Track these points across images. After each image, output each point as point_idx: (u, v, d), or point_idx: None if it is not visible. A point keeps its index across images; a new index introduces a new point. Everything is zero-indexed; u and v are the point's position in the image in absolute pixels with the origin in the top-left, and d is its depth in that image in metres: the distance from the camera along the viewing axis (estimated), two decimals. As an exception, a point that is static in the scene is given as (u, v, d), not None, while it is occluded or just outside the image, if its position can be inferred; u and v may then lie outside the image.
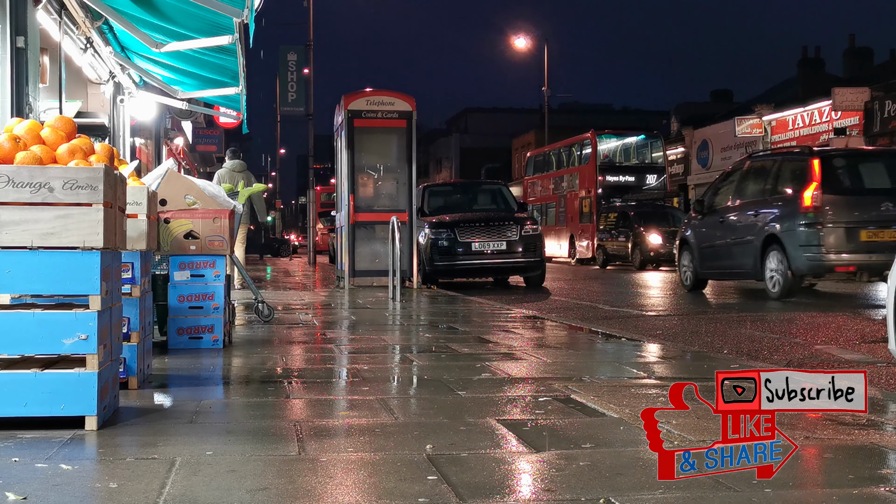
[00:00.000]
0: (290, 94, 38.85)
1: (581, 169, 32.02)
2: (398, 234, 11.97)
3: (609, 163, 31.44)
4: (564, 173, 33.98)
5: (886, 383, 5.07)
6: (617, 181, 30.49)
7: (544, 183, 36.31)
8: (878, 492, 2.64)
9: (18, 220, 3.41)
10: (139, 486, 2.68)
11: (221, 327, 6.10)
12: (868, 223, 10.80)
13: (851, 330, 7.95)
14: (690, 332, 7.86)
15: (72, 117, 6.89)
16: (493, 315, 9.05)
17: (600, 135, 31.59)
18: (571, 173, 33.06)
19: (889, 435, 3.43)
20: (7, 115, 6.84)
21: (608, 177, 30.52)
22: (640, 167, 31.49)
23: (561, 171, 34.66)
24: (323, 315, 9.36)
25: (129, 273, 4.47)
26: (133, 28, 8.66)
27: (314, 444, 3.25)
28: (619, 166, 31.69)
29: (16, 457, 3.00)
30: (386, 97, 14.83)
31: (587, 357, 5.84)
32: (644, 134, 32.76)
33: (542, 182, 36.78)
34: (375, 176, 14.97)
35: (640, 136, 32.32)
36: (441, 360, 5.63)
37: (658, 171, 31.03)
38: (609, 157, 31.71)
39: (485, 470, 2.88)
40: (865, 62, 38.14)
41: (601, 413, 3.81)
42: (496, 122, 72.78)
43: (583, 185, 31.34)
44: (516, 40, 42.81)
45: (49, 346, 3.44)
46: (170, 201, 6.12)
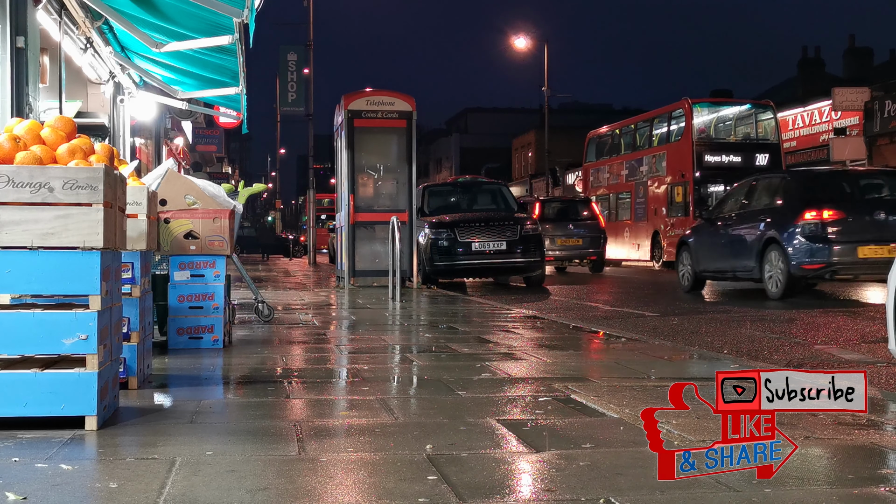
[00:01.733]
0: (290, 94, 38.85)
1: (670, 148, 25.82)
2: (398, 234, 11.98)
3: (708, 138, 25.21)
4: (644, 154, 27.72)
5: (886, 383, 5.07)
6: (719, 161, 24.26)
7: (614, 168, 30.22)
8: (878, 492, 2.64)
9: (18, 220, 3.41)
10: (139, 486, 2.68)
11: (221, 327, 6.10)
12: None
13: (851, 330, 7.95)
14: (690, 332, 7.86)
15: (72, 117, 6.89)
16: (493, 315, 9.05)
17: (697, 104, 25.26)
18: (655, 154, 26.88)
19: (889, 435, 3.43)
20: (7, 115, 6.84)
21: (708, 156, 24.28)
22: (748, 144, 25.13)
23: (638, 152, 28.33)
24: (323, 315, 9.36)
25: (129, 273, 4.48)
26: (133, 28, 8.66)
27: (314, 444, 3.25)
28: (721, 143, 25.31)
29: (16, 457, 3.00)
30: (386, 97, 14.83)
31: (587, 357, 5.84)
32: (750, 102, 26.64)
33: (610, 167, 30.57)
34: (375, 176, 14.98)
35: (746, 105, 26.30)
36: (441, 360, 5.63)
37: (770, 148, 24.61)
38: (707, 132, 25.62)
39: (485, 470, 2.88)
40: (865, 62, 38.15)
41: (601, 413, 3.81)
42: (496, 122, 72.81)
43: (673, 167, 25.25)
44: (516, 40, 42.76)
45: (49, 346, 3.44)
46: (170, 201, 6.12)
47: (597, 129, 33.39)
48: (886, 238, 11.03)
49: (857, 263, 11.18)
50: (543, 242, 15.75)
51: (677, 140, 25.22)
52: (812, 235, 11.16)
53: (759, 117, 25.40)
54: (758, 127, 25.35)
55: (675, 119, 25.68)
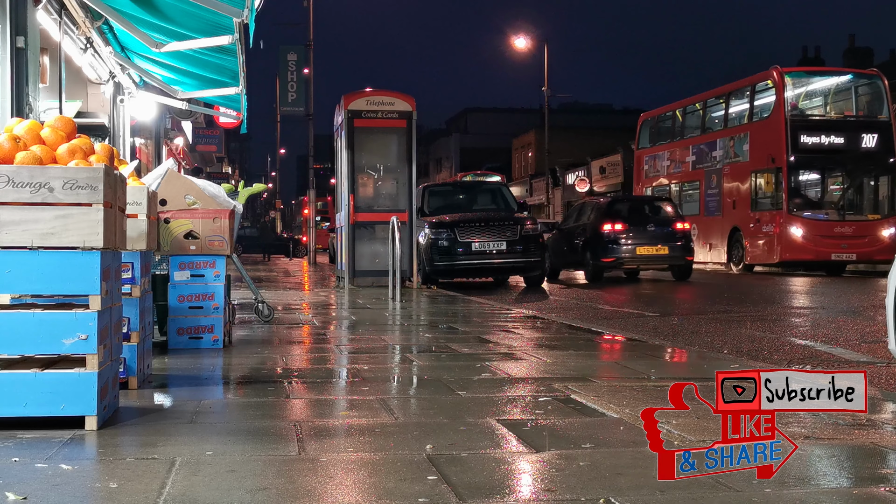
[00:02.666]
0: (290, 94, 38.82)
1: (754, 128, 21.63)
2: (398, 234, 11.98)
3: (803, 115, 20.88)
4: (718, 137, 23.49)
5: (886, 383, 5.07)
6: (817, 143, 20.11)
7: (676, 154, 25.85)
8: (878, 492, 2.64)
9: (18, 220, 3.41)
10: (139, 486, 2.68)
11: (221, 327, 6.10)
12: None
13: (851, 330, 7.95)
14: (690, 332, 7.86)
15: (72, 117, 6.89)
16: (493, 315, 9.05)
17: (789, 73, 20.98)
18: (733, 136, 22.61)
19: (889, 435, 3.43)
20: (7, 115, 6.84)
21: (805, 136, 20.04)
22: (852, 122, 20.90)
23: (710, 134, 24.20)
24: (323, 315, 9.36)
25: (129, 273, 4.47)
26: (133, 28, 8.66)
27: (314, 444, 3.25)
28: (821, 121, 21.05)
29: (16, 457, 3.00)
30: (386, 97, 14.83)
31: (587, 357, 5.84)
32: (852, 72, 22.57)
33: (671, 154, 26.19)
34: (375, 176, 14.98)
35: (848, 76, 22.14)
36: (441, 360, 5.63)
37: (879, 127, 20.36)
38: (801, 108, 21.23)
39: (485, 470, 2.88)
40: (865, 62, 38.16)
41: (601, 413, 3.81)
42: (496, 122, 72.83)
43: (758, 151, 21.17)
44: (516, 40, 42.73)
45: (49, 346, 3.44)
46: (170, 201, 6.12)
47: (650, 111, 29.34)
48: (654, 242, 16.94)
49: (637, 258, 16.96)
50: (544, 242, 15.76)
51: (764, 118, 21.12)
52: (609, 239, 16.90)
53: (864, 90, 21.36)
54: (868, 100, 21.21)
55: (761, 93, 21.61)
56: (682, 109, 26.46)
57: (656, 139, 27.82)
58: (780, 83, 20.37)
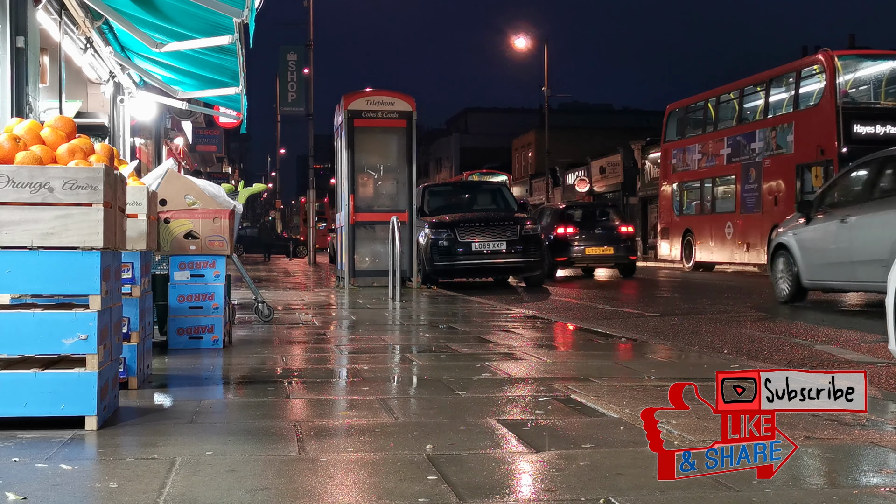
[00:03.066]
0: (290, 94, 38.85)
1: (799, 116, 19.80)
2: (398, 234, 11.98)
3: (856, 103, 18.81)
4: (758, 127, 21.50)
5: (886, 383, 5.07)
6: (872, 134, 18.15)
7: (709, 147, 23.86)
8: (878, 492, 2.64)
9: (18, 220, 3.41)
10: (139, 486, 2.68)
11: (221, 327, 6.10)
12: None
13: (851, 330, 7.95)
14: (690, 332, 7.86)
15: (72, 117, 6.89)
16: (493, 315, 9.05)
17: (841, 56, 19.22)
18: (776, 126, 20.71)
19: (889, 435, 3.43)
20: (7, 115, 6.84)
21: (858, 126, 18.14)
22: None
23: (748, 124, 22.17)
24: (323, 315, 9.36)
25: (129, 273, 4.47)
26: (133, 28, 8.66)
27: (314, 444, 3.25)
28: (875, 109, 18.88)
29: (16, 457, 3.00)
30: (386, 97, 14.83)
31: (587, 357, 5.84)
32: None
33: (703, 146, 24.20)
34: (375, 176, 14.98)
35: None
36: (441, 360, 5.63)
37: None
38: (851, 95, 19.15)
39: (485, 470, 2.88)
40: (865, 62, 38.06)
41: (601, 413, 3.81)
42: (496, 122, 72.85)
43: (804, 142, 19.43)
44: (516, 40, 42.72)
45: (49, 346, 3.44)
46: (170, 201, 6.12)
47: (678, 101, 26.68)
48: (601, 244, 19.56)
49: (586, 257, 19.62)
50: (543, 242, 15.76)
51: (812, 105, 19.33)
52: (561, 241, 19.49)
53: None
54: None
55: (807, 79, 19.92)
56: (714, 99, 24.13)
57: (685, 131, 25.57)
58: (829, 68, 18.60)
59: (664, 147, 26.91)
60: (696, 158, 24.45)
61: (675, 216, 25.51)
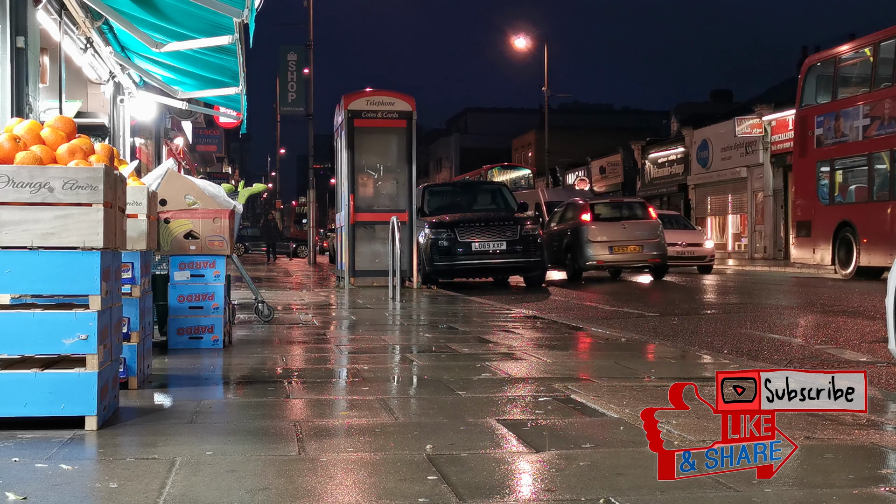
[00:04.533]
0: (290, 94, 38.86)
1: None
2: (398, 234, 11.98)
3: None
4: None
5: (886, 383, 5.07)
6: None
7: (877, 109, 17.37)
8: (878, 492, 2.64)
9: (18, 220, 3.41)
10: (139, 486, 2.68)
11: (221, 327, 6.10)
12: None
13: (851, 330, 7.95)
14: (690, 332, 7.86)
15: (72, 117, 6.89)
16: (493, 315, 9.05)
17: None
18: None
19: (889, 435, 3.43)
20: (7, 115, 6.84)
21: None
22: None
23: None
24: (323, 315, 9.36)
25: (129, 273, 4.47)
26: (133, 28, 8.66)
27: (314, 444, 3.25)
28: None
29: (16, 457, 3.00)
30: (386, 97, 14.84)
31: (587, 357, 5.84)
32: None
33: (869, 108, 17.64)
34: (375, 176, 14.99)
35: None
36: (441, 360, 5.63)
37: None
38: None
39: (485, 470, 2.88)
40: (866, 62, 37.94)
41: (601, 413, 3.81)
42: (496, 122, 72.88)
43: None
44: (516, 40, 42.72)
45: (49, 346, 3.44)
46: (170, 201, 6.12)
47: (819, 53, 20.93)
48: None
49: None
50: (543, 242, 15.76)
51: None
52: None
53: None
54: None
55: None
56: (878, 43, 17.49)
57: (835, 92, 19.04)
58: None
59: (800, 114, 20.25)
60: (858, 126, 17.95)
61: (821, 204, 18.97)
